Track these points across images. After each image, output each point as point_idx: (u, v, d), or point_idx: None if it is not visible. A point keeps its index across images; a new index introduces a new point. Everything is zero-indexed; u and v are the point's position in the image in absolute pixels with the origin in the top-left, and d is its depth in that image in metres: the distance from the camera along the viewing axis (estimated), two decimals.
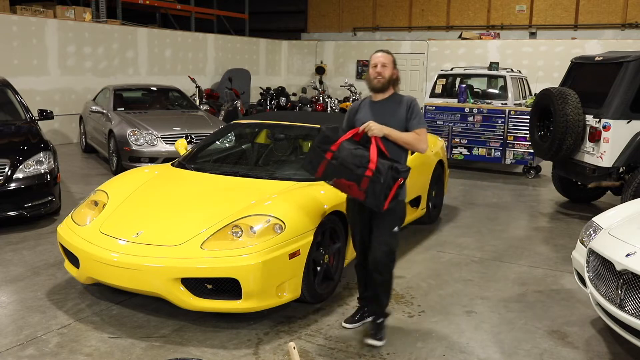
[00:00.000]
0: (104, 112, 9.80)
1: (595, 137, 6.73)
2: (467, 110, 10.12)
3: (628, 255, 3.45)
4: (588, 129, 6.87)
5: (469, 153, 10.16)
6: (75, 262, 4.21)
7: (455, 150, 10.25)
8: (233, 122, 6.35)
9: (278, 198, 4.33)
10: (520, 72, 12.50)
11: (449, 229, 6.58)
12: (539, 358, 3.68)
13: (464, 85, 10.80)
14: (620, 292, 3.42)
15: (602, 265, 3.68)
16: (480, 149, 10.07)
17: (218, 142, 6.02)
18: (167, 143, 8.68)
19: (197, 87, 13.19)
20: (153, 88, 11.36)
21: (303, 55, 19.77)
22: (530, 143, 8.06)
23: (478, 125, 10.03)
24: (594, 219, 4.28)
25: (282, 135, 5.77)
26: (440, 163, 6.72)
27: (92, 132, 10.63)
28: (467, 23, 19.00)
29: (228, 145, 6.13)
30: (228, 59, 17.12)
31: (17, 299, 4.38)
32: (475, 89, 11.66)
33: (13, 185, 6.00)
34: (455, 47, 17.41)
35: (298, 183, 4.59)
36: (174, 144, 6.12)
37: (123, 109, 9.91)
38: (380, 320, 3.81)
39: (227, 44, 17.18)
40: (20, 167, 6.10)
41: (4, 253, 5.41)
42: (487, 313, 4.33)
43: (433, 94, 11.66)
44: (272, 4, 21.67)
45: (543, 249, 5.95)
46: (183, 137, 8.44)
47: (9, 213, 6.00)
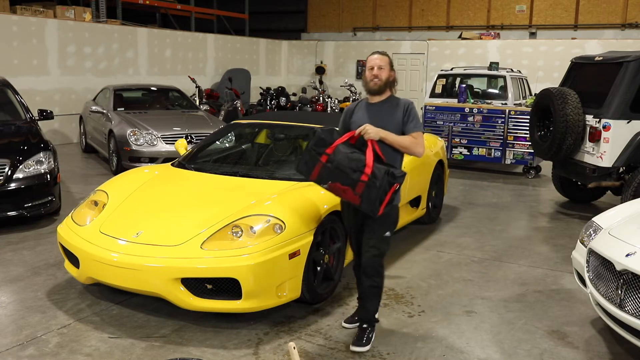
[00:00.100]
0: (104, 112, 9.80)
1: (595, 137, 6.73)
2: (467, 110, 10.12)
3: (628, 255, 3.45)
4: (588, 129, 6.88)
5: (469, 153, 10.16)
6: (75, 262, 4.21)
7: (455, 150, 10.25)
8: (233, 122, 6.35)
9: (278, 198, 4.33)
10: (520, 72, 12.50)
11: (449, 229, 6.58)
12: (539, 358, 3.68)
13: (464, 85, 10.80)
14: (620, 292, 3.42)
15: (602, 265, 3.68)
16: (480, 149, 10.07)
17: (218, 142, 6.02)
18: (167, 143, 8.68)
19: (197, 87, 13.19)
20: (153, 88, 11.36)
21: (303, 55, 19.77)
22: (530, 143, 8.06)
23: (478, 125, 10.03)
24: (594, 219, 4.28)
25: (282, 135, 5.77)
26: (440, 163, 6.73)
27: (92, 132, 10.64)
28: (467, 23, 19.00)
29: (228, 145, 6.13)
30: (228, 59, 17.12)
31: (17, 299, 4.38)
32: (475, 89, 11.66)
33: (13, 185, 6.01)
34: (455, 47, 17.40)
35: (298, 183, 4.59)
36: (174, 144, 6.12)
37: (123, 109, 9.91)
38: (365, 326, 3.75)
39: (227, 44, 17.18)
40: (20, 167, 6.11)
41: (4, 253, 5.41)
42: (487, 313, 4.33)
43: (433, 94, 11.66)
44: (272, 4, 21.67)
45: (543, 249, 5.95)
46: (183, 137, 8.45)
47: (9, 213, 6.01)
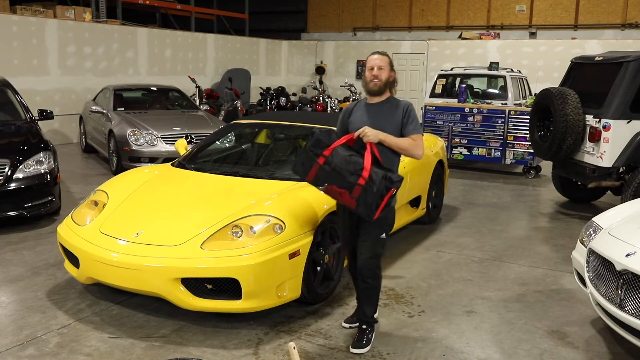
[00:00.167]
0: (104, 112, 9.80)
1: (595, 137, 6.73)
2: (467, 110, 10.12)
3: (628, 255, 3.45)
4: (588, 129, 6.87)
5: (469, 153, 10.16)
6: (75, 262, 4.21)
7: (455, 150, 10.25)
8: (233, 122, 6.35)
9: (278, 198, 4.33)
10: (520, 72, 12.49)
11: (449, 229, 6.58)
12: (539, 358, 3.68)
13: (464, 85, 10.80)
14: (620, 292, 3.42)
15: (602, 265, 3.68)
16: (480, 149, 10.07)
17: (218, 142, 6.02)
18: (167, 143, 8.68)
19: (197, 87, 13.19)
20: (153, 88, 11.36)
21: (303, 55, 19.77)
22: (530, 143, 8.06)
23: (478, 125, 10.03)
24: (594, 219, 4.28)
25: (282, 135, 5.77)
26: (440, 163, 6.72)
27: (92, 132, 10.64)
28: (467, 23, 19.00)
29: (228, 145, 6.12)
30: (228, 59, 17.12)
31: (17, 299, 4.38)
32: (475, 89, 11.66)
33: (13, 185, 6.01)
34: (455, 47, 17.40)
35: (298, 183, 4.57)
36: (174, 144, 6.12)
37: (123, 109, 9.91)
38: (365, 327, 3.75)
39: (227, 44, 17.18)
40: (20, 167, 6.11)
41: (4, 253, 5.41)
42: (487, 313, 4.33)
43: (433, 94, 11.66)
44: (272, 4, 21.67)
45: (543, 249, 5.95)
46: (183, 137, 8.44)
47: (9, 213, 6.00)
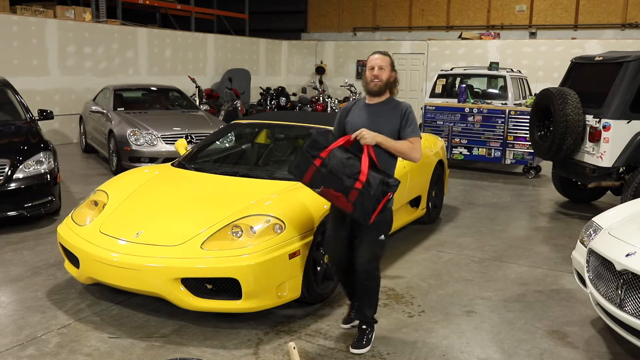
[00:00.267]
0: (104, 112, 9.80)
1: (595, 137, 6.73)
2: (467, 110, 10.12)
3: (628, 255, 3.45)
4: (588, 129, 6.87)
5: (469, 153, 10.16)
6: (75, 262, 4.21)
7: (455, 150, 10.24)
8: (233, 122, 6.35)
9: (278, 198, 4.33)
10: (520, 72, 12.50)
11: (449, 229, 6.58)
12: (539, 358, 3.68)
13: (464, 85, 10.80)
14: (620, 292, 3.42)
15: (602, 265, 3.68)
16: (480, 149, 10.07)
17: (218, 142, 6.02)
18: (167, 143, 8.68)
19: (197, 87, 13.19)
20: (153, 88, 11.36)
21: (303, 55, 19.77)
22: (530, 143, 8.06)
23: (478, 125, 10.03)
24: (594, 219, 4.28)
25: (282, 135, 5.77)
26: (440, 163, 6.73)
27: (92, 132, 10.64)
28: (467, 23, 19.00)
29: (228, 145, 6.12)
30: (228, 59, 17.11)
31: (17, 299, 4.38)
32: (475, 89, 11.66)
33: (13, 185, 6.00)
34: (455, 47, 17.40)
35: (298, 183, 4.53)
36: (174, 144, 6.12)
37: (123, 109, 9.91)
38: (365, 327, 3.74)
39: (227, 44, 17.18)
40: (20, 167, 6.10)
41: (4, 253, 5.41)
42: (487, 313, 4.33)
43: (433, 94, 11.66)
44: (272, 4, 21.66)
45: (543, 249, 5.95)
46: (183, 137, 8.45)
47: (9, 213, 6.00)
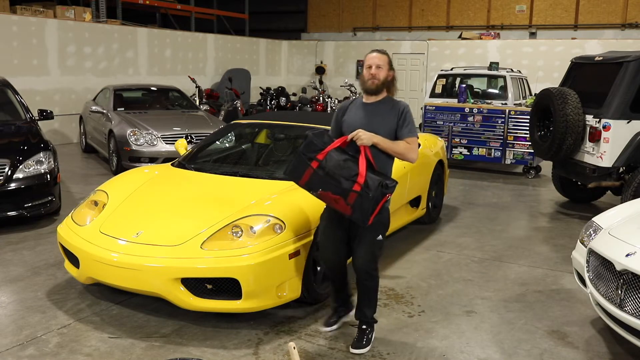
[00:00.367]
0: (104, 112, 9.80)
1: (595, 137, 6.73)
2: (467, 110, 10.12)
3: (628, 255, 3.45)
4: (588, 129, 6.87)
5: (469, 153, 10.16)
6: (75, 262, 4.21)
7: (455, 150, 10.24)
8: (233, 122, 6.35)
9: (278, 198, 4.33)
10: (520, 72, 12.49)
11: (449, 229, 6.58)
12: (539, 358, 3.68)
13: (464, 85, 10.80)
14: (620, 292, 3.42)
15: (602, 265, 3.68)
16: (480, 149, 10.07)
17: (218, 142, 6.02)
18: (167, 143, 8.68)
19: (197, 87, 13.19)
20: (153, 88, 11.36)
21: (303, 55, 19.77)
22: (530, 143, 8.06)
23: (478, 125, 10.02)
24: (594, 219, 4.27)
25: (282, 135, 5.77)
26: (440, 163, 6.72)
27: (92, 132, 10.64)
28: (467, 23, 19.00)
29: (228, 145, 6.12)
30: (228, 59, 17.11)
31: (17, 299, 4.38)
32: (475, 89, 11.66)
33: (13, 185, 6.00)
34: (455, 47, 17.40)
35: None
36: (174, 144, 6.12)
37: (123, 109, 9.91)
38: (365, 327, 3.74)
39: (227, 44, 17.18)
40: (20, 167, 6.10)
41: (4, 253, 5.41)
42: (487, 313, 4.33)
43: (433, 94, 11.66)
44: (272, 4, 21.67)
45: (543, 249, 5.95)
46: (183, 137, 8.44)
47: (9, 213, 6.00)
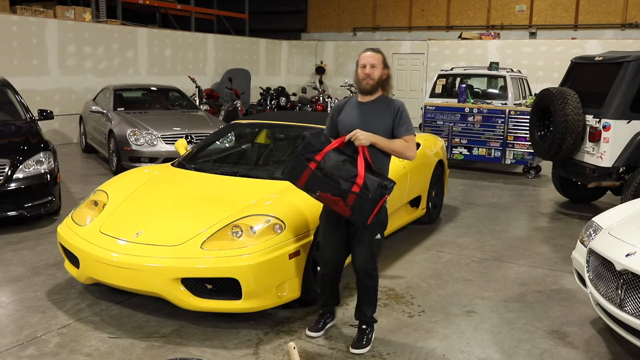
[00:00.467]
0: (104, 112, 9.80)
1: (595, 137, 6.73)
2: (467, 110, 10.12)
3: (628, 255, 3.45)
4: (588, 129, 6.87)
5: (469, 153, 10.16)
6: (75, 262, 4.21)
7: (455, 150, 10.24)
8: (233, 122, 6.35)
9: (278, 198, 4.33)
10: (520, 72, 12.49)
11: (449, 229, 6.58)
12: (539, 358, 3.68)
13: (464, 85, 10.80)
14: (620, 292, 3.42)
15: (602, 265, 3.68)
16: (480, 149, 10.07)
17: (218, 142, 6.02)
18: (167, 143, 8.68)
19: (197, 87, 13.19)
20: (153, 88, 11.37)
21: (303, 55, 19.77)
22: (530, 143, 8.06)
23: (478, 125, 10.02)
24: (594, 219, 4.27)
25: (282, 135, 5.77)
26: (440, 163, 6.72)
27: (92, 132, 10.64)
28: (467, 23, 19.00)
29: (228, 145, 6.12)
30: (228, 59, 17.11)
31: (17, 299, 4.38)
32: (475, 89, 11.66)
33: (13, 185, 6.00)
34: (455, 47, 17.40)
35: None
36: (174, 144, 6.12)
37: (123, 109, 9.91)
38: (365, 327, 3.74)
39: (227, 44, 17.18)
40: (20, 167, 6.10)
41: (4, 253, 5.41)
42: (487, 313, 4.33)
43: (433, 94, 11.66)
44: (272, 4, 21.67)
45: (543, 249, 5.95)
46: (183, 137, 8.44)
47: (9, 213, 6.00)
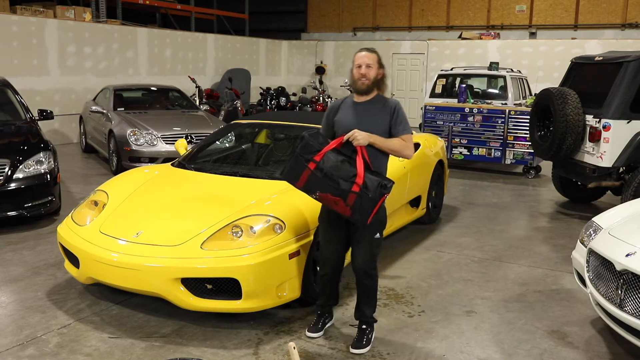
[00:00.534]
0: (104, 112, 9.80)
1: (595, 137, 6.73)
2: (467, 110, 10.12)
3: (628, 255, 3.45)
4: (588, 129, 6.87)
5: (469, 153, 10.16)
6: (75, 262, 4.21)
7: (455, 150, 10.24)
8: (233, 122, 6.35)
9: (278, 198, 4.32)
10: (520, 72, 12.49)
11: (449, 229, 6.58)
12: (539, 358, 3.68)
13: (464, 85, 10.80)
14: (620, 292, 3.42)
15: (602, 265, 3.68)
16: (480, 149, 10.07)
17: (218, 142, 6.02)
18: (167, 143, 8.68)
19: (197, 87, 13.19)
20: (153, 88, 11.36)
21: (303, 55, 19.77)
22: (530, 143, 8.06)
23: (478, 125, 10.02)
24: (594, 219, 4.28)
25: (282, 135, 5.77)
26: (440, 163, 6.72)
27: (92, 132, 10.64)
28: (467, 23, 19.00)
29: (228, 145, 6.12)
30: (228, 59, 17.11)
31: (17, 299, 4.38)
32: (475, 89, 11.66)
33: (13, 185, 6.00)
34: (455, 47, 17.40)
35: None
36: (174, 144, 6.13)
37: (123, 109, 9.92)
38: (365, 327, 3.74)
39: (227, 44, 17.18)
40: (20, 167, 6.11)
41: (4, 253, 5.41)
42: (487, 313, 4.33)
43: (433, 94, 11.66)
44: (272, 4, 21.67)
45: (543, 249, 5.95)
46: (183, 137, 8.44)
47: (9, 213, 6.00)
